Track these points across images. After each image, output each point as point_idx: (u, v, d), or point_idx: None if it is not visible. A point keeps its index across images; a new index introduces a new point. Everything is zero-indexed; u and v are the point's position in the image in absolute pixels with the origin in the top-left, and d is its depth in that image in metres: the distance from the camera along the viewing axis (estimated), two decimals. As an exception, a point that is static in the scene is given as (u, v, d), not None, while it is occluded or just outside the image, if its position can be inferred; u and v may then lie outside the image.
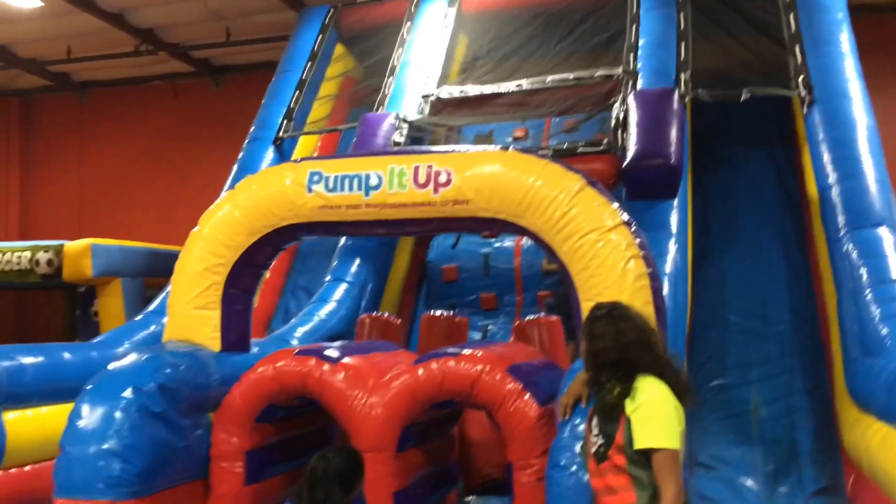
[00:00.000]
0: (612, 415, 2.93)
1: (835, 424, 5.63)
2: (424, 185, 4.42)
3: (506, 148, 4.54)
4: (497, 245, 7.55)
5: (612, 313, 3.09)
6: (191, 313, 4.73)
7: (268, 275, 6.56)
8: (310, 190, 4.61)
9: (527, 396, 4.02)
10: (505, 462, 5.32)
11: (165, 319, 6.53)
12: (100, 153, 13.83)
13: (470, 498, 5.40)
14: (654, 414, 2.85)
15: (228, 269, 4.76)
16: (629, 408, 2.89)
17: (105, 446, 3.89)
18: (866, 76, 6.94)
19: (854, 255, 5.52)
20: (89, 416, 3.99)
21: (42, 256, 8.65)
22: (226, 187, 7.91)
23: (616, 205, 4.24)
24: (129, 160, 13.65)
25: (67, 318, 10.26)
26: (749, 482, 5.23)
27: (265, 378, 4.38)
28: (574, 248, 4.17)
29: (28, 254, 8.75)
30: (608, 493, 2.93)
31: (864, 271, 5.33)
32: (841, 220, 5.87)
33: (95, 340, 6.42)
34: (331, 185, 4.57)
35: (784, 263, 7.03)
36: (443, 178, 4.40)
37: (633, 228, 4.21)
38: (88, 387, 4.13)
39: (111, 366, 4.27)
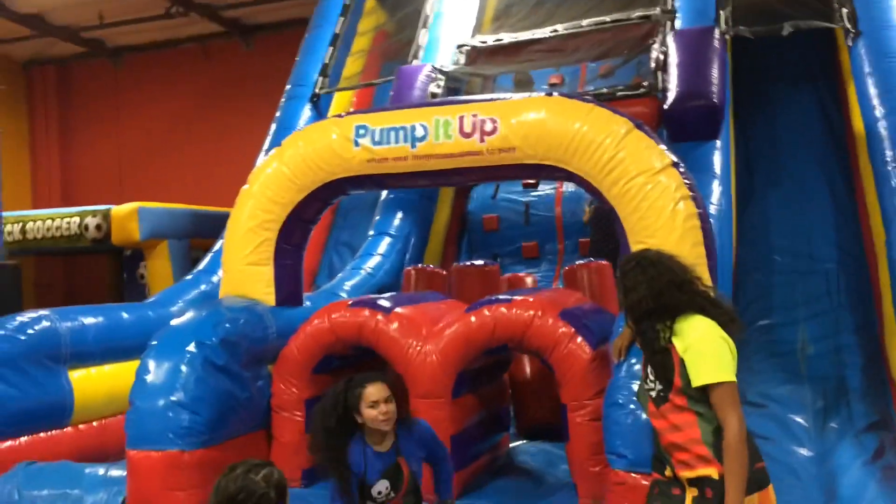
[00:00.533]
0: (664, 360, 2.96)
1: (883, 361, 5.62)
2: (470, 135, 4.44)
3: (550, 94, 4.52)
4: (537, 194, 7.56)
5: (641, 263, 3.06)
6: (245, 269, 4.86)
7: (311, 231, 6.67)
8: (356, 144, 4.66)
9: (579, 339, 4.08)
10: (554, 407, 5.48)
11: (216, 278, 6.79)
12: (136, 118, 14.01)
13: (521, 442, 5.52)
14: (705, 350, 2.87)
15: (279, 225, 4.86)
16: (679, 348, 2.90)
17: (173, 398, 4.04)
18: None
19: (904, 188, 5.44)
20: (156, 370, 4.14)
21: (91, 221, 8.86)
22: (265, 146, 8.01)
23: (664, 147, 4.23)
24: (165, 124, 13.81)
25: (114, 281, 10.55)
26: (799, 419, 5.26)
27: (321, 330, 4.50)
28: (623, 192, 4.18)
29: (77, 219, 8.97)
30: (673, 431, 2.97)
31: (914, 205, 5.27)
32: (889, 154, 5.76)
33: (150, 300, 6.61)
34: (377, 138, 4.62)
35: (829, 201, 6.95)
36: (488, 127, 4.41)
37: (682, 170, 4.21)
38: (153, 343, 4.28)
39: (174, 322, 4.42)
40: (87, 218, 8.94)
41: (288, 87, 8.50)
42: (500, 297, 4.36)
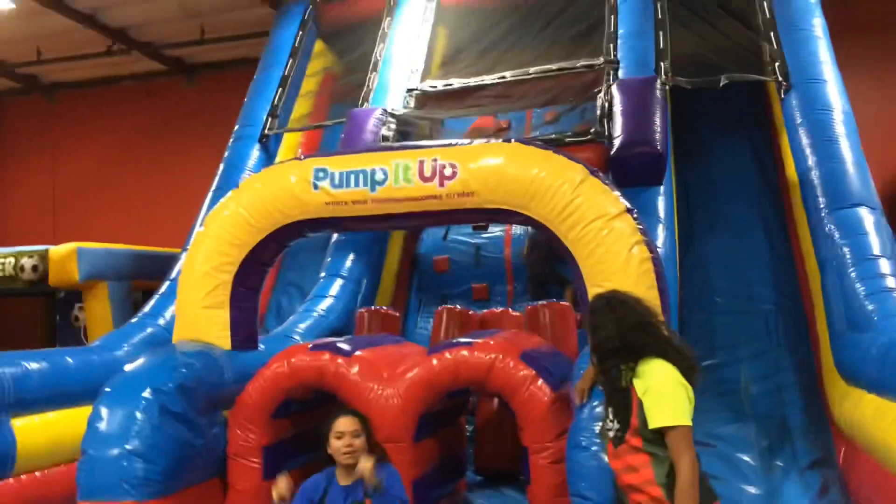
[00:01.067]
0: (624, 400, 3.05)
1: (822, 398, 5.86)
2: (430, 179, 4.52)
3: (508, 140, 4.64)
4: (487, 236, 7.67)
5: (611, 302, 3.19)
6: (200, 313, 4.79)
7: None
8: (315, 187, 4.68)
9: (540, 382, 4.15)
10: (511, 452, 5.52)
11: (162, 321, 6.65)
12: (72, 155, 13.67)
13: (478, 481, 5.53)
14: (664, 393, 2.98)
15: (236, 268, 4.82)
16: (639, 390, 3.01)
17: (128, 447, 3.94)
18: (837, 62, 7.18)
19: (836, 234, 5.73)
20: (110, 418, 4.04)
21: (27, 262, 8.56)
22: (213, 185, 7.93)
23: (618, 193, 4.38)
24: (103, 161, 13.51)
25: (47, 324, 10.17)
26: (746, 457, 5.42)
27: (281, 374, 4.46)
28: (580, 237, 4.30)
29: (12, 260, 8.66)
30: (628, 472, 3.06)
31: (846, 250, 5.55)
32: (822, 201, 6.08)
33: (94, 344, 6.40)
34: (336, 181, 4.65)
35: (766, 244, 7.26)
36: (448, 172, 4.50)
37: (636, 216, 4.36)
38: (107, 389, 4.17)
39: (128, 367, 4.31)
40: (23, 259, 8.63)
41: (236, 127, 8.47)
42: (461, 339, 4.41)
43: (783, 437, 5.62)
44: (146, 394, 4.08)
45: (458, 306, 6.12)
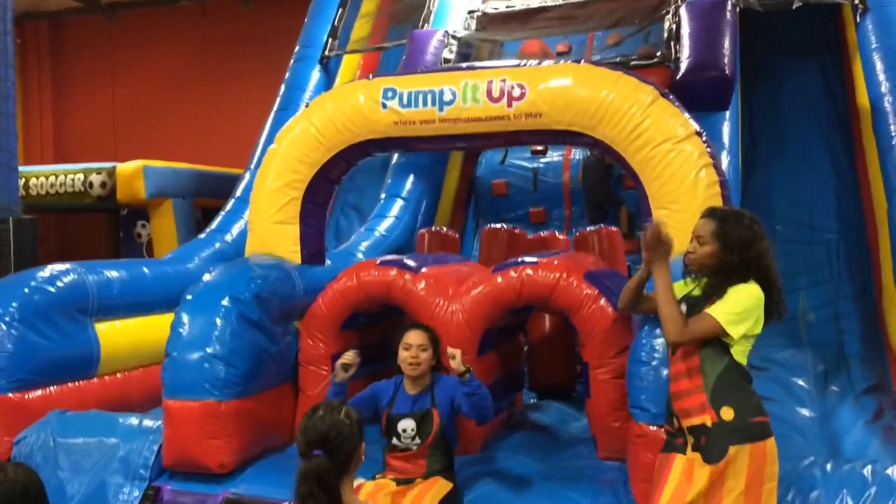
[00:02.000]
0: (699, 308, 3.10)
1: (880, 328, 5.86)
2: (498, 100, 4.53)
3: (577, 61, 4.61)
4: (546, 160, 7.68)
5: (756, 224, 3.12)
6: (272, 228, 4.94)
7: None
8: (384, 106, 4.74)
9: (602, 301, 4.24)
10: (566, 369, 5.67)
11: (229, 237, 6.87)
12: (131, 76, 13.89)
13: (534, 400, 5.71)
14: (737, 301, 3.00)
15: (305, 185, 4.94)
16: (724, 295, 3.00)
17: (209, 350, 4.15)
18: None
19: (907, 162, 5.62)
20: (192, 324, 4.24)
21: (95, 178, 8.86)
22: (276, 107, 8.03)
23: (688, 115, 4.36)
24: (162, 82, 13.71)
25: (111, 240, 10.55)
26: (801, 381, 5.49)
27: (350, 287, 4.62)
28: (647, 158, 4.31)
29: (81, 176, 8.96)
30: (681, 377, 3.14)
31: (916, 178, 5.45)
32: (893, 128, 5.94)
33: (167, 257, 6.67)
34: (405, 100, 4.69)
35: (831, 172, 7.15)
36: (516, 93, 4.51)
37: (705, 139, 4.34)
38: (188, 297, 4.37)
39: (206, 277, 4.51)
40: (91, 175, 8.93)
41: (297, 48, 8.50)
42: (526, 259, 4.49)
43: (839, 363, 5.66)
44: (225, 302, 4.27)
45: (504, 226, 6.17)
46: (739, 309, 3.00)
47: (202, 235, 7.08)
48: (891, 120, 6.01)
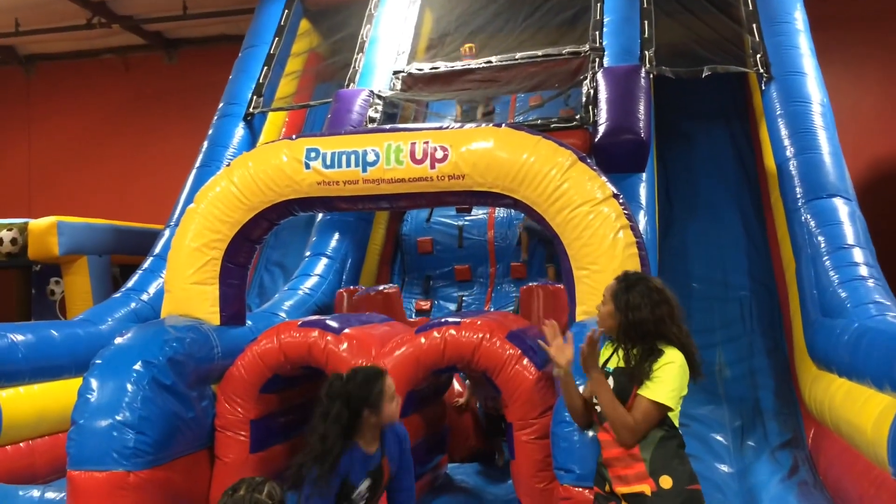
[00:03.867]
0: (627, 380, 3.13)
1: (793, 382, 6.05)
2: (421, 161, 4.58)
3: (499, 125, 4.72)
4: (471, 218, 7.76)
5: (649, 284, 3.18)
6: (190, 288, 4.82)
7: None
8: (307, 166, 4.72)
9: (525, 361, 4.25)
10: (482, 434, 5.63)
11: (146, 296, 6.67)
12: (49, 129, 13.50)
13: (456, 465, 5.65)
14: (671, 377, 3.04)
15: (226, 245, 4.84)
16: (654, 367, 3.04)
17: (119, 418, 3.98)
18: (816, 54, 7.33)
19: (812, 223, 5.90)
20: (101, 389, 4.07)
21: (6, 235, 8.49)
22: (197, 163, 7.92)
23: (605, 178, 4.48)
24: (81, 136, 13.36)
25: (23, 297, 10.08)
26: (719, 437, 5.61)
27: (270, 350, 4.52)
28: (567, 220, 4.40)
29: (-10, 232, 8.57)
30: (615, 445, 3.16)
31: (821, 239, 5.72)
32: (798, 190, 6.25)
33: (79, 318, 6.41)
34: (328, 161, 4.69)
35: (742, 231, 7.45)
36: (439, 154, 4.56)
37: (622, 201, 4.46)
38: (97, 361, 4.20)
39: (118, 340, 4.34)
40: (2, 231, 8.55)
41: (221, 104, 8.45)
42: (449, 319, 4.49)
43: (755, 418, 5.81)
44: (137, 366, 4.11)
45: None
46: (676, 384, 3.06)
47: (117, 295, 6.84)
48: (796, 182, 6.31)
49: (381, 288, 6.21)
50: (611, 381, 3.17)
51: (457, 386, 5.69)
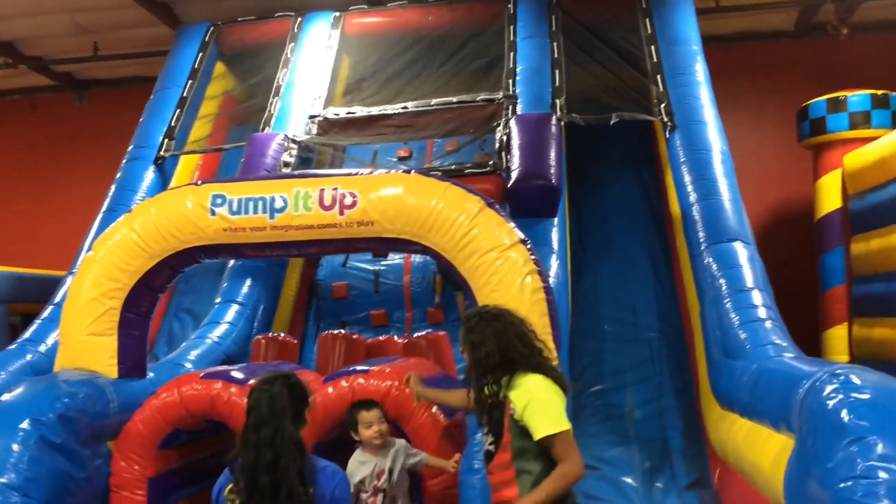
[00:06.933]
0: (499, 415, 3.14)
1: (700, 422, 6.19)
2: (330, 208, 4.55)
3: (409, 171, 4.74)
4: (387, 263, 7.73)
5: (485, 317, 3.23)
6: (86, 340, 4.63)
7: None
8: (213, 213, 4.63)
9: (434, 409, 4.23)
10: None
11: (43, 347, 6.36)
12: (-51, 170, 12.88)
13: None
14: (546, 405, 3.05)
15: (125, 294, 4.69)
16: (518, 404, 3.05)
17: (3, 480, 3.77)
18: (719, 104, 7.68)
19: (713, 267, 6.09)
20: (-16, 450, 3.83)
21: None
22: (104, 208, 7.67)
23: (513, 224, 4.54)
24: (-17, 178, 12.80)
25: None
26: (629, 479, 5.66)
27: (170, 404, 4.36)
28: (475, 266, 4.43)
29: None
30: (501, 488, 3.15)
31: (723, 282, 5.90)
32: (701, 235, 6.46)
33: (-32, 372, 6.03)
34: (234, 207, 4.62)
35: (651, 275, 7.64)
36: (348, 201, 4.55)
37: (529, 246, 4.52)
38: (-19, 420, 3.96)
39: (5, 397, 4.11)
40: None
41: (130, 147, 8.23)
42: (357, 367, 4.43)
43: (664, 459, 5.89)
44: (24, 424, 3.91)
45: (343, 331, 6.11)
46: (555, 410, 3.07)
47: (12, 346, 6.49)
48: (699, 227, 6.52)
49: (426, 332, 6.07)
50: (485, 418, 3.18)
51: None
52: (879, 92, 8.16)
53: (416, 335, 5.93)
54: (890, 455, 2.87)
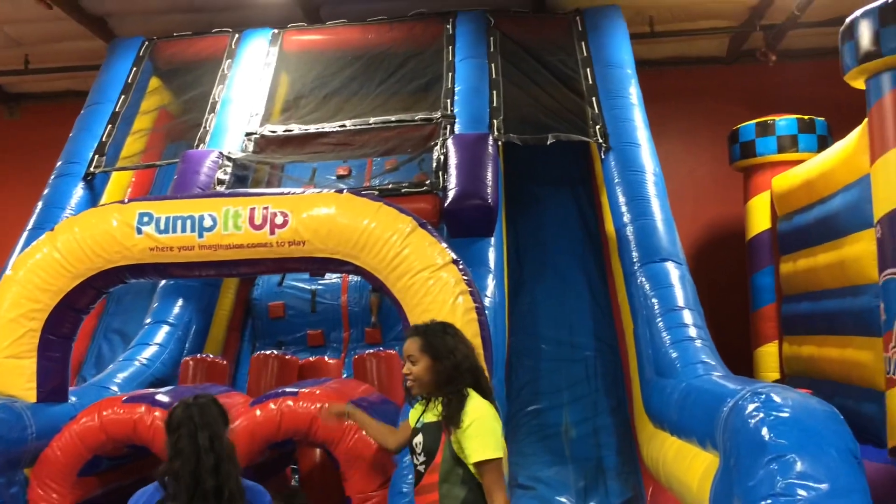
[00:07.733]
0: (435, 433, 3.12)
1: (634, 440, 6.26)
2: (261, 227, 4.49)
3: (340, 191, 4.71)
4: (324, 282, 7.65)
5: (449, 329, 3.23)
6: (3, 363, 4.48)
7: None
8: (139, 231, 4.52)
9: (364, 432, 4.16)
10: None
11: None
12: None
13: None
14: (486, 429, 3.05)
15: (46, 315, 4.54)
16: (463, 423, 3.03)
17: None
18: (653, 126, 7.85)
19: (647, 286, 6.19)
20: None
21: None
22: (29, 225, 7.42)
23: (445, 244, 4.54)
24: None
25: None
26: (563, 499, 5.68)
27: (90, 428, 4.21)
28: (407, 286, 4.41)
29: None
30: None
31: (655, 301, 6.00)
32: (635, 255, 6.56)
33: None
34: (162, 226, 4.52)
35: (588, 294, 7.72)
36: (279, 220, 4.50)
37: (461, 266, 4.53)
38: None
39: (-89, 424, 3.91)
40: None
41: (59, 163, 8.00)
42: (287, 389, 4.36)
43: (598, 477, 5.94)
44: (-68, 453, 3.72)
45: (276, 352, 6.02)
46: (495, 437, 3.06)
47: (-73, 369, 6.19)
48: (633, 247, 6.63)
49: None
50: (420, 437, 3.15)
51: None
52: (806, 116, 8.43)
53: (365, 353, 5.84)
54: (809, 473, 2.93)
